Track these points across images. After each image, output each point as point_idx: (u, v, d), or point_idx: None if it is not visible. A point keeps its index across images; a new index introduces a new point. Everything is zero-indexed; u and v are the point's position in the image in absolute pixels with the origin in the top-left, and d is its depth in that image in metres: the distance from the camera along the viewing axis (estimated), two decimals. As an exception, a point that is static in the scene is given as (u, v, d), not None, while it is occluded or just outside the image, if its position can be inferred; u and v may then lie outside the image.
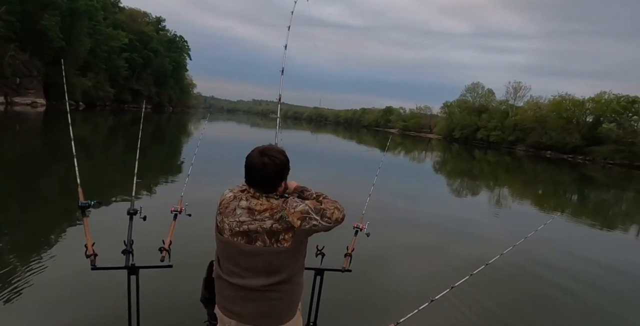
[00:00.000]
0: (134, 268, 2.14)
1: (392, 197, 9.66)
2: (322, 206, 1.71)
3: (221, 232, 1.69)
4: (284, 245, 1.62)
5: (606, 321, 4.34)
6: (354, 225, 2.65)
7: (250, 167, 1.67)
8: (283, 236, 1.62)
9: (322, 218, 1.67)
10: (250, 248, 1.62)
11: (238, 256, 1.66)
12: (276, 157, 1.67)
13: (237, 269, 1.67)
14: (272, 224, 1.61)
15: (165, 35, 75.72)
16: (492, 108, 68.47)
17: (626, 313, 4.64)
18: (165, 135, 26.68)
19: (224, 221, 1.68)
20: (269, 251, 1.62)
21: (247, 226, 1.63)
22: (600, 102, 54.14)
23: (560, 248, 6.79)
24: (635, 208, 16.97)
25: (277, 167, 1.67)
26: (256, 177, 1.66)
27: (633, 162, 45.93)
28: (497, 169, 28.07)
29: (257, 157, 1.65)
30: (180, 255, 2.65)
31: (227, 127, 48.23)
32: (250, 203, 1.65)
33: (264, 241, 1.61)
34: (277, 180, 1.69)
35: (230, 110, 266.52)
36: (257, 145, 1.73)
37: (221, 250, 1.72)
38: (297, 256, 1.69)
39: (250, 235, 1.62)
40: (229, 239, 1.66)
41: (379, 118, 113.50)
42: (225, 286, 1.71)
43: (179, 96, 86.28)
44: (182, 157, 14.18)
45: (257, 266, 1.64)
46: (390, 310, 3.52)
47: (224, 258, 1.72)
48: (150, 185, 8.06)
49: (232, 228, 1.65)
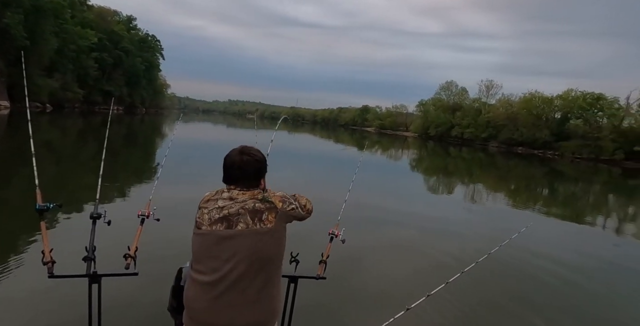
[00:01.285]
0: (95, 276, 2.00)
1: (369, 197, 9.65)
2: (296, 196, 1.78)
3: (199, 225, 1.63)
4: (267, 225, 1.58)
5: (582, 318, 4.41)
6: (330, 231, 2.59)
7: (229, 165, 1.68)
8: (266, 215, 1.59)
9: (299, 204, 1.72)
10: (230, 232, 1.57)
11: (217, 246, 1.57)
12: (255, 154, 1.72)
13: (214, 263, 1.56)
14: (255, 203, 1.60)
15: (136, 34, 73.91)
16: (465, 106, 69.99)
17: (601, 307, 4.76)
18: (137, 137, 26.00)
19: (203, 213, 1.63)
20: (251, 232, 1.56)
21: (227, 210, 1.59)
22: (568, 99, 56.17)
23: (534, 246, 6.75)
24: (602, 199, 17.65)
25: (258, 164, 1.70)
26: (237, 175, 1.66)
27: (599, 156, 47.90)
28: (472, 165, 28.67)
29: (237, 155, 1.68)
30: (147, 262, 2.52)
31: (203, 128, 47.48)
32: (232, 194, 1.65)
33: (246, 222, 1.57)
34: (258, 177, 1.71)
35: (206, 110, 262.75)
36: (234, 147, 1.75)
37: (198, 245, 1.63)
38: (279, 241, 1.63)
39: (231, 220, 1.58)
40: (207, 229, 1.60)
41: (356, 117, 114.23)
42: (198, 292, 1.59)
43: (152, 97, 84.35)
44: (154, 160, 13.82)
45: (236, 254, 1.55)
46: (366, 319, 3.47)
47: (200, 255, 1.62)
48: (117, 188, 7.76)
49: (211, 216, 1.61)
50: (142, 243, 2.31)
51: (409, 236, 6.84)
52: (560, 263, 6.08)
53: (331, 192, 9.58)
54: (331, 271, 2.47)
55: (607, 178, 29.40)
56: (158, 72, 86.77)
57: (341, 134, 64.96)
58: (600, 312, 4.59)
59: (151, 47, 78.33)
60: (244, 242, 1.56)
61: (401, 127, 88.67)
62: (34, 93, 38.20)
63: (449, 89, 74.47)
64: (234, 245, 1.56)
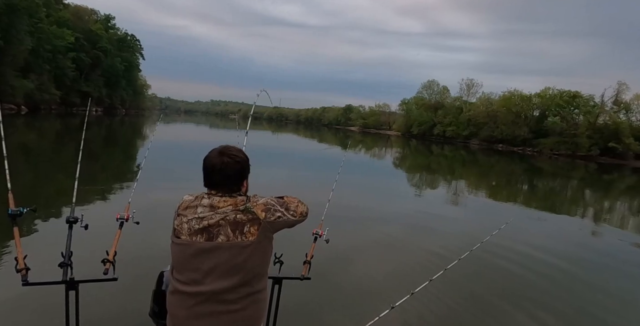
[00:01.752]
0: (72, 283, 1.94)
1: (353, 196, 9.67)
2: (285, 200, 1.69)
3: (178, 234, 1.56)
4: (249, 238, 1.51)
5: (565, 311, 4.52)
6: (313, 231, 2.58)
7: (210, 168, 1.58)
8: (248, 228, 1.52)
9: (287, 211, 1.63)
10: (210, 245, 1.50)
11: (196, 259, 1.51)
12: (236, 155, 1.62)
13: (195, 275, 1.51)
14: (236, 215, 1.52)
15: (115, 33, 72.35)
16: (447, 104, 70.97)
17: (583, 298, 4.89)
18: (117, 138, 25.49)
19: (182, 221, 1.56)
20: (232, 245, 1.50)
21: (207, 221, 1.52)
22: (545, 97, 57.54)
23: (515, 242, 6.82)
24: (579, 194, 18.14)
25: (239, 165, 1.61)
26: (218, 178, 1.58)
27: (575, 152, 49.22)
28: (454, 163, 29.09)
29: (217, 156, 1.59)
30: (126, 266, 2.46)
31: (185, 128, 46.86)
32: (213, 201, 1.56)
33: (227, 234, 1.50)
34: (240, 179, 1.63)
35: (188, 111, 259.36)
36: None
37: (177, 255, 1.57)
38: (262, 254, 1.58)
39: (211, 231, 1.51)
40: (186, 240, 1.53)
41: (339, 117, 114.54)
42: (180, 301, 1.55)
43: (133, 98, 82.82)
44: (134, 162, 13.55)
45: (217, 267, 1.49)
46: (351, 318, 3.47)
47: (180, 265, 1.56)
48: (95, 192, 7.56)
49: (190, 226, 1.53)
50: (121, 247, 2.26)
51: (393, 234, 6.88)
52: (541, 257, 6.21)
53: (314, 192, 9.53)
54: (316, 272, 2.46)
55: (584, 173, 30.24)
56: (138, 72, 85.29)
57: (325, 134, 65.04)
58: (582, 304, 4.71)
59: (131, 47, 76.87)
60: (224, 255, 1.50)
61: (384, 126, 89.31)
62: (8, 95, 37.08)
63: (431, 88, 75.42)
64: (214, 257, 1.50)
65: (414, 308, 3.71)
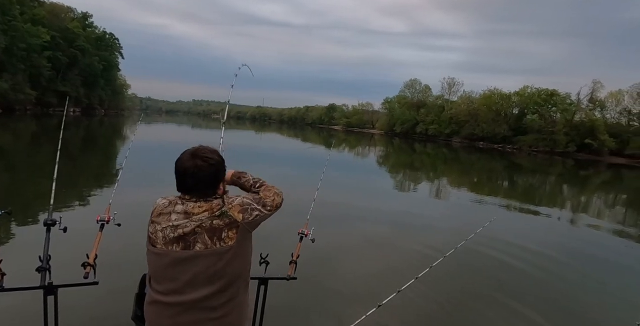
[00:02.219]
0: (51, 288, 1.87)
1: (337, 195, 9.68)
2: (261, 195, 1.64)
3: (154, 243, 1.49)
4: (228, 243, 1.46)
5: (550, 306, 4.63)
6: (299, 231, 2.57)
7: (182, 172, 1.49)
8: (226, 233, 1.46)
9: (263, 207, 1.59)
10: (187, 254, 1.43)
11: (174, 269, 1.44)
12: (210, 157, 1.52)
13: (173, 285, 1.44)
14: (212, 221, 1.45)
15: (93, 32, 70.59)
16: (429, 103, 71.79)
17: (564, 291, 5.01)
18: (96, 139, 24.92)
19: (156, 229, 1.48)
20: (211, 253, 1.44)
21: (182, 230, 1.44)
22: (524, 96, 58.79)
23: (499, 238, 6.91)
24: (557, 189, 18.62)
25: (213, 168, 1.51)
26: (191, 183, 1.49)
27: (553, 149, 50.48)
28: (437, 161, 29.46)
29: (189, 160, 1.49)
30: (108, 269, 2.40)
31: (166, 129, 46.15)
32: (187, 207, 1.48)
33: (204, 242, 1.44)
34: (215, 182, 1.54)
35: (169, 111, 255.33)
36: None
37: (154, 264, 1.50)
38: (243, 256, 1.53)
39: (187, 240, 1.44)
40: (162, 249, 1.45)
41: (323, 116, 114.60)
42: (160, 311, 1.49)
43: (112, 98, 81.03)
44: (114, 163, 13.28)
45: (197, 276, 1.43)
46: (338, 317, 3.48)
47: (157, 275, 1.49)
48: (74, 194, 7.40)
49: (165, 235, 1.46)
50: (102, 250, 2.20)
51: (378, 233, 6.93)
52: (523, 253, 6.34)
53: (300, 191, 9.50)
54: (302, 271, 2.45)
55: (562, 169, 31.04)
56: (117, 71, 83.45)
57: (308, 133, 65.00)
58: (561, 296, 4.83)
59: (109, 46, 75.16)
60: (203, 263, 1.44)
61: (368, 125, 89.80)
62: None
63: (413, 87, 76.17)
64: (193, 266, 1.44)
65: (401, 305, 3.74)
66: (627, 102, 55.25)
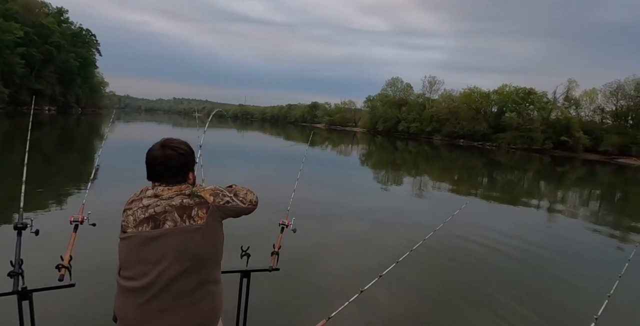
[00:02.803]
0: (25, 293, 1.82)
1: (319, 190, 9.75)
2: (234, 188, 1.68)
3: (125, 228, 1.49)
4: (198, 222, 1.46)
5: (522, 285, 4.78)
6: (280, 221, 2.57)
7: (151, 161, 1.54)
8: (196, 211, 1.47)
9: (235, 197, 1.61)
10: (157, 232, 1.43)
11: (144, 249, 1.44)
12: (179, 147, 1.57)
13: (143, 267, 1.42)
14: (183, 199, 1.48)
15: (69, 28, 68.61)
16: (410, 101, 72.53)
17: (531, 276, 5.16)
18: (72, 139, 24.29)
19: (128, 214, 1.50)
20: (180, 230, 1.44)
21: (153, 209, 1.46)
22: (503, 94, 60.00)
23: (476, 227, 7.34)
24: (535, 185, 19.10)
25: (182, 157, 1.56)
26: (160, 170, 1.53)
27: (531, 146, 51.71)
28: (418, 158, 29.81)
29: (159, 149, 1.55)
30: (84, 271, 2.37)
31: (145, 128, 45.34)
32: (157, 190, 1.52)
33: (174, 219, 1.45)
34: (184, 171, 1.57)
35: (149, 109, 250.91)
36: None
37: (123, 251, 1.49)
38: (213, 239, 1.51)
39: (157, 219, 1.45)
40: (132, 231, 1.46)
41: (305, 114, 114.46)
42: (128, 300, 1.46)
43: (89, 96, 78.99)
44: (91, 163, 12.96)
45: (166, 254, 1.42)
46: (322, 306, 3.50)
47: (127, 260, 1.48)
48: (48, 195, 7.15)
49: (136, 217, 1.47)
50: (78, 251, 2.16)
51: (360, 226, 7.04)
52: (499, 240, 6.59)
53: (280, 184, 9.58)
54: (284, 262, 2.47)
55: (539, 166, 31.85)
56: (94, 69, 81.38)
57: (291, 131, 64.84)
58: (534, 284, 5.00)
59: (86, 42, 73.23)
60: (172, 241, 1.44)
61: (350, 123, 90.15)
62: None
63: (395, 85, 76.88)
64: (162, 245, 1.43)
65: (383, 290, 3.86)
66: (600, 101, 57.02)
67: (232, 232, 3.97)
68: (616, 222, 10.89)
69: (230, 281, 2.32)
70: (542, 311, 4.14)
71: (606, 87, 55.69)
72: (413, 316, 3.80)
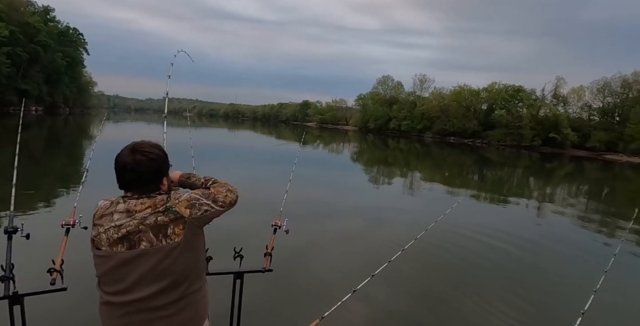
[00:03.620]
0: (16, 297, 1.81)
1: (311, 190, 9.77)
2: (212, 191, 1.57)
3: (98, 246, 1.43)
4: (175, 240, 1.40)
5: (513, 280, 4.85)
6: (272, 222, 2.57)
7: (121, 167, 1.44)
8: (172, 229, 1.40)
9: (214, 203, 1.52)
10: (132, 254, 1.38)
11: (121, 270, 1.39)
12: (150, 151, 1.47)
13: (122, 285, 1.40)
14: (157, 217, 1.40)
15: (55, 27, 67.52)
16: (401, 99, 72.82)
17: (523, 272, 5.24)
18: (61, 140, 23.98)
19: (99, 232, 1.42)
20: (157, 250, 1.38)
21: (125, 229, 1.39)
22: (492, 92, 60.53)
23: (467, 224, 7.44)
24: (524, 181, 19.33)
25: (154, 163, 1.46)
26: (130, 178, 1.44)
27: (520, 143, 52.26)
28: (409, 156, 29.97)
29: (128, 155, 1.44)
30: (76, 275, 2.34)
31: (135, 128, 44.82)
32: (129, 205, 1.42)
33: (150, 240, 1.38)
34: (157, 177, 1.49)
35: (139, 109, 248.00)
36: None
37: (100, 268, 1.44)
38: (193, 252, 1.47)
39: (132, 239, 1.39)
40: (107, 251, 1.40)
41: (297, 113, 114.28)
42: (109, 311, 1.45)
43: (77, 96, 77.89)
44: (81, 164, 12.83)
45: (144, 275, 1.39)
46: (315, 306, 3.53)
47: (104, 277, 1.44)
48: (38, 198, 7.10)
49: (109, 236, 1.40)
50: (70, 255, 2.15)
51: (352, 225, 7.07)
52: (490, 238, 6.68)
53: (272, 185, 9.63)
54: (278, 263, 2.47)
55: (528, 162, 32.23)
56: (82, 68, 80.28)
57: (283, 130, 64.73)
58: (526, 272, 5.14)
59: (73, 41, 72.14)
60: (149, 262, 1.38)
61: (341, 121, 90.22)
62: None
63: (386, 83, 77.11)
64: (138, 266, 1.38)
65: (376, 289, 3.90)
66: (587, 98, 57.81)
67: (225, 234, 3.99)
68: (603, 217, 11.09)
69: (224, 282, 2.34)
70: (531, 307, 4.22)
71: (593, 84, 56.48)
72: (406, 315, 3.84)
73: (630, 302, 4.73)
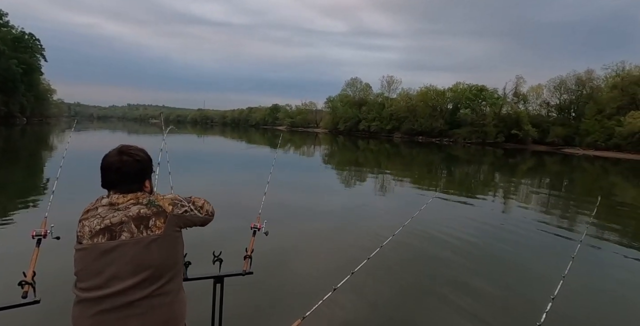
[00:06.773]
0: None
1: (286, 193, 9.76)
2: (193, 198, 1.65)
3: (80, 239, 1.45)
4: (155, 232, 1.43)
5: (487, 273, 5.03)
6: (252, 225, 2.57)
7: (106, 167, 1.50)
8: (154, 221, 1.45)
9: (193, 206, 1.60)
10: (113, 244, 1.40)
11: (99, 261, 1.39)
12: (136, 153, 1.55)
13: (98, 280, 1.38)
14: (140, 209, 1.45)
15: (9, 32, 64.25)
16: (370, 101, 73.92)
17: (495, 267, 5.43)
18: (18, 151, 22.82)
19: (84, 225, 1.45)
20: (137, 241, 1.41)
21: (109, 220, 1.42)
22: (457, 91, 62.44)
23: (440, 219, 7.68)
24: (490, 177, 20.01)
25: (139, 164, 1.53)
26: (115, 177, 1.49)
27: (485, 140, 54.13)
28: (380, 156, 30.41)
29: (115, 155, 1.52)
30: (50, 287, 2.28)
31: (99, 136, 43.27)
32: (112, 199, 1.48)
33: (131, 231, 1.41)
34: (140, 178, 1.54)
35: (102, 117, 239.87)
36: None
37: (79, 263, 1.44)
38: (171, 249, 1.48)
39: (113, 230, 1.41)
40: (88, 243, 1.41)
41: (267, 117, 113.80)
42: (82, 310, 1.41)
43: (34, 104, 74.30)
44: (43, 175, 12.28)
45: (122, 266, 1.39)
46: (296, 306, 3.53)
47: (82, 272, 1.43)
48: (1, 210, 6.78)
49: (92, 228, 1.43)
50: (42, 266, 2.08)
51: (329, 225, 7.12)
52: (462, 232, 6.89)
53: (250, 189, 9.56)
54: (258, 265, 2.47)
55: (493, 158, 33.41)
56: (40, 75, 76.76)
57: (253, 134, 64.19)
58: (497, 263, 5.34)
59: (29, 47, 68.85)
60: (128, 253, 1.40)
61: (312, 124, 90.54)
62: None
63: (354, 85, 78.06)
64: (118, 257, 1.40)
65: (356, 287, 3.96)
66: (545, 95, 60.68)
67: (204, 238, 3.93)
68: (567, 207, 11.64)
69: (204, 287, 2.31)
70: (503, 294, 4.40)
71: (550, 83, 59.31)
72: (387, 310, 3.90)
73: (598, 285, 4.99)
